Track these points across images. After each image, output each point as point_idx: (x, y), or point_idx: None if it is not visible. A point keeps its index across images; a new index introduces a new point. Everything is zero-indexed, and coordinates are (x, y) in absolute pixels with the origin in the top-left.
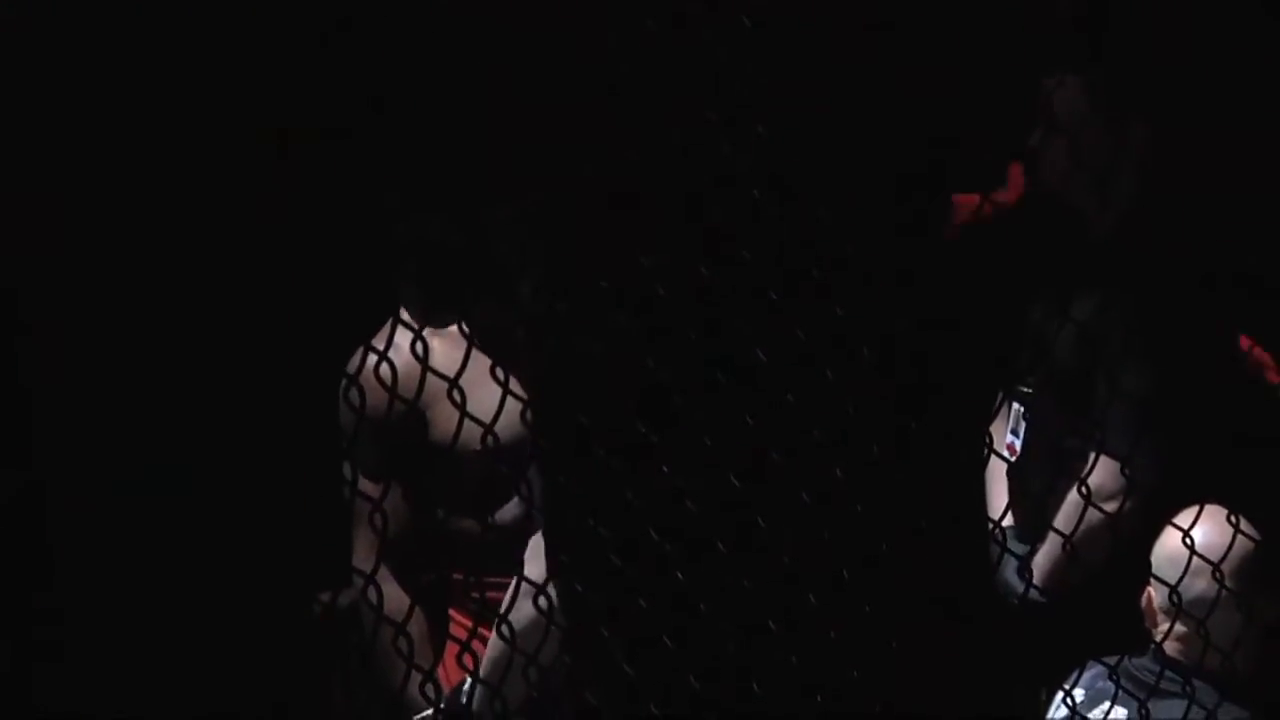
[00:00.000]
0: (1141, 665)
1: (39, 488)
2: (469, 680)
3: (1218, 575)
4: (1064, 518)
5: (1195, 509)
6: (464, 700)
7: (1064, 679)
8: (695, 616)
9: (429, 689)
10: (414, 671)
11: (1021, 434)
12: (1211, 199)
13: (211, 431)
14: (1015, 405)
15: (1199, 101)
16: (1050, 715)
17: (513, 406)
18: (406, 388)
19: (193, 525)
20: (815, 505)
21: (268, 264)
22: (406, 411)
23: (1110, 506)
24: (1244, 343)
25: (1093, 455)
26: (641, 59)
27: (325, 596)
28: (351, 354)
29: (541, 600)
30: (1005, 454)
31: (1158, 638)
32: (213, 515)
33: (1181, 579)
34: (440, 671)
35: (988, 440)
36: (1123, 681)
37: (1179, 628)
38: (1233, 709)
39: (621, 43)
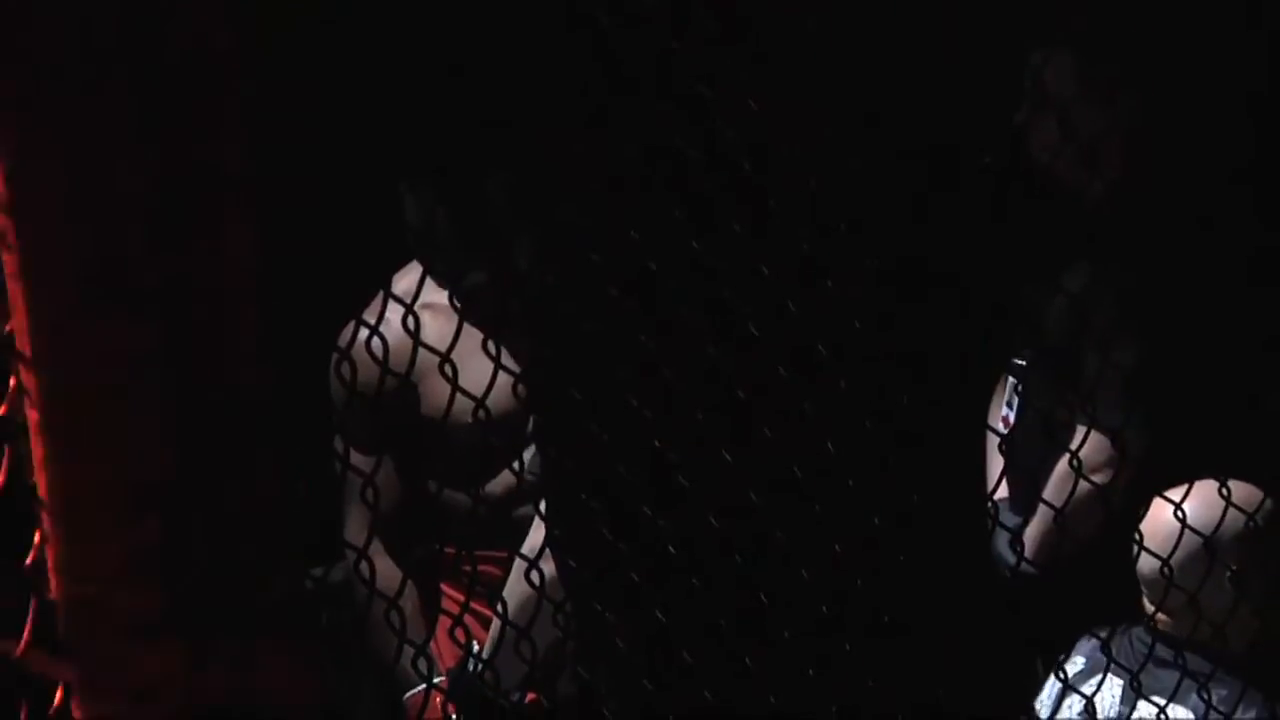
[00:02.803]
0: (1139, 636)
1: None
2: (472, 656)
3: (1209, 547)
4: (1052, 490)
5: (1187, 482)
6: (469, 672)
7: (1059, 651)
8: (689, 591)
9: (421, 664)
10: (406, 646)
11: (1016, 407)
12: (1200, 171)
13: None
14: (1010, 378)
15: (1186, 73)
16: (1046, 688)
17: (505, 380)
18: (398, 362)
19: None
20: (809, 480)
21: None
22: (398, 385)
23: (1099, 478)
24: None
25: (1081, 427)
26: (634, 31)
27: (317, 571)
28: (342, 328)
29: (534, 575)
30: (1000, 427)
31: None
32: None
33: (1173, 553)
34: (432, 646)
35: (984, 414)
36: (1120, 652)
37: (1173, 602)
38: (1226, 682)
39: (614, 16)
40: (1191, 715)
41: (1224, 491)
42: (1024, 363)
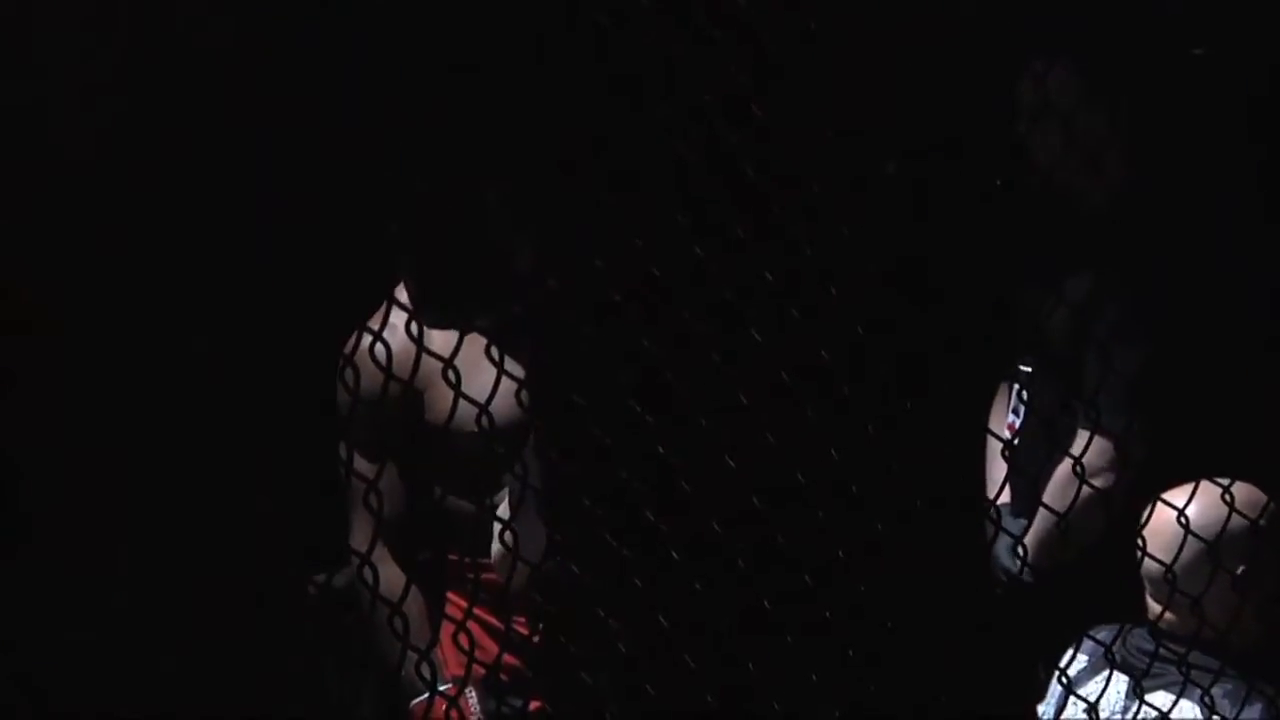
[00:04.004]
0: (1142, 634)
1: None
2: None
3: (1213, 551)
4: (1052, 494)
5: (1190, 484)
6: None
7: (1061, 655)
8: (689, 596)
9: (425, 670)
10: (410, 653)
11: (1021, 413)
12: (1199, 177)
13: (210, 415)
14: (1014, 385)
15: (1186, 80)
16: (1050, 688)
17: (508, 387)
18: (403, 369)
19: (191, 509)
20: (810, 485)
21: (268, 247)
22: (402, 392)
23: (1100, 481)
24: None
25: (1083, 432)
26: (636, 40)
27: (321, 577)
28: (348, 336)
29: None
30: (1005, 433)
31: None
32: (211, 499)
33: (1177, 558)
34: (437, 653)
35: (984, 421)
36: (1123, 652)
37: (1178, 600)
38: (1230, 679)
39: (615, 24)
40: (1195, 712)
41: (1226, 497)
42: (1028, 369)
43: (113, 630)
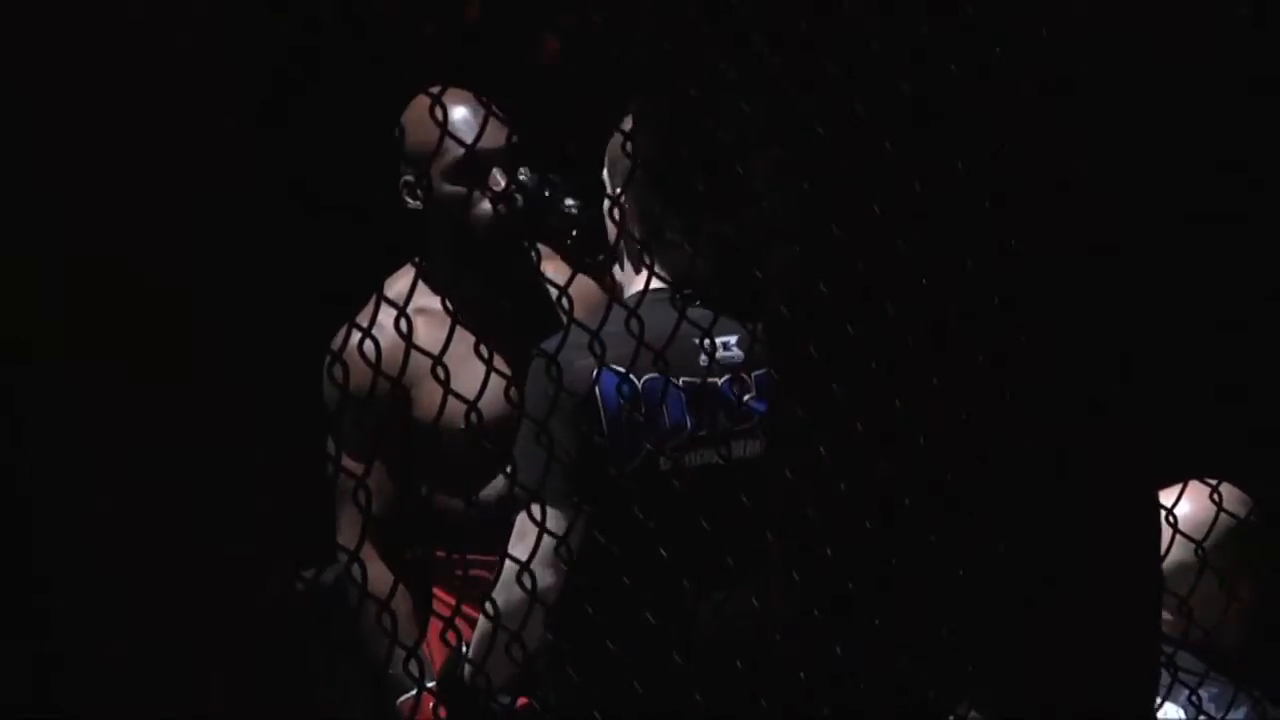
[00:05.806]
0: None
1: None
2: (461, 653)
3: (1200, 552)
4: None
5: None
6: (459, 675)
7: None
8: (682, 594)
9: (413, 667)
10: (398, 650)
11: None
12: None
13: (198, 412)
14: None
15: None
16: None
17: (497, 384)
18: (391, 365)
19: (179, 506)
20: (798, 484)
21: (254, 241)
22: (390, 388)
23: None
24: None
25: None
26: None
27: (309, 574)
28: (336, 331)
29: (526, 579)
30: None
31: None
32: (199, 497)
33: (1164, 556)
34: (424, 650)
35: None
36: None
37: (1169, 600)
38: (1218, 681)
39: None
40: (1182, 714)
41: (1215, 496)
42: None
43: (108, 636)
